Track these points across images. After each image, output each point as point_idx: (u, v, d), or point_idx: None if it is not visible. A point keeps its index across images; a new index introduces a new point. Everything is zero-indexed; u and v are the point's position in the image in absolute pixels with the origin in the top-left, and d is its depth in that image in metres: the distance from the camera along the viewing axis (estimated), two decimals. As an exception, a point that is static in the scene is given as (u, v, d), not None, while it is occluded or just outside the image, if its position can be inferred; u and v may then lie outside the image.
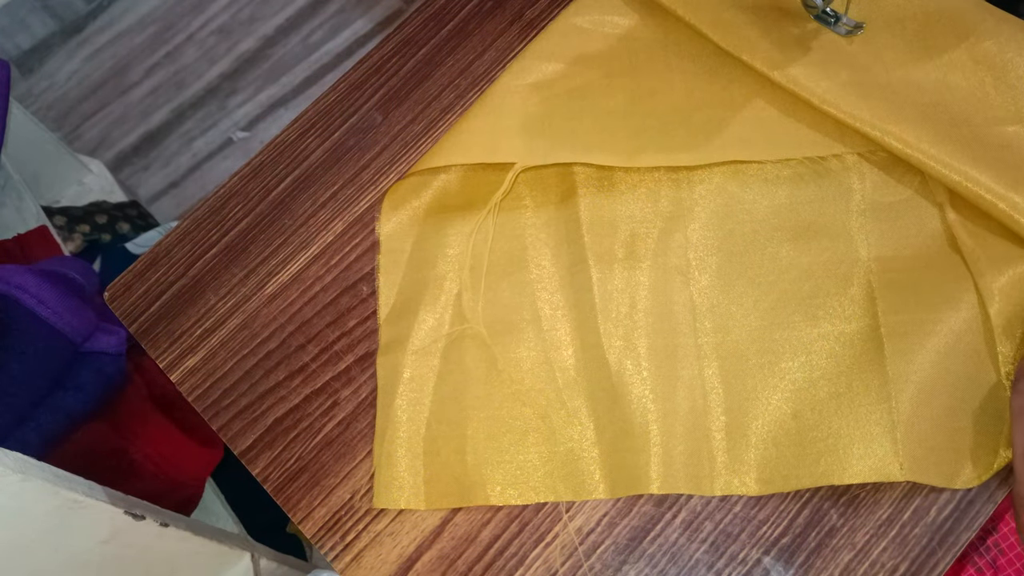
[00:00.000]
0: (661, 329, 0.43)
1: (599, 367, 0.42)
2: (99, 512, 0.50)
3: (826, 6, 0.48)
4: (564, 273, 0.45)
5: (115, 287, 0.52)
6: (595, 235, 0.45)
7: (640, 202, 0.45)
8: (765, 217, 0.44)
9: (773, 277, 0.43)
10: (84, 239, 1.07)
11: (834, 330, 0.41)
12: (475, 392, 0.43)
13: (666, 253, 0.44)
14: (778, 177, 0.45)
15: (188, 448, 0.79)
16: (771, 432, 0.40)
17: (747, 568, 0.40)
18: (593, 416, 0.42)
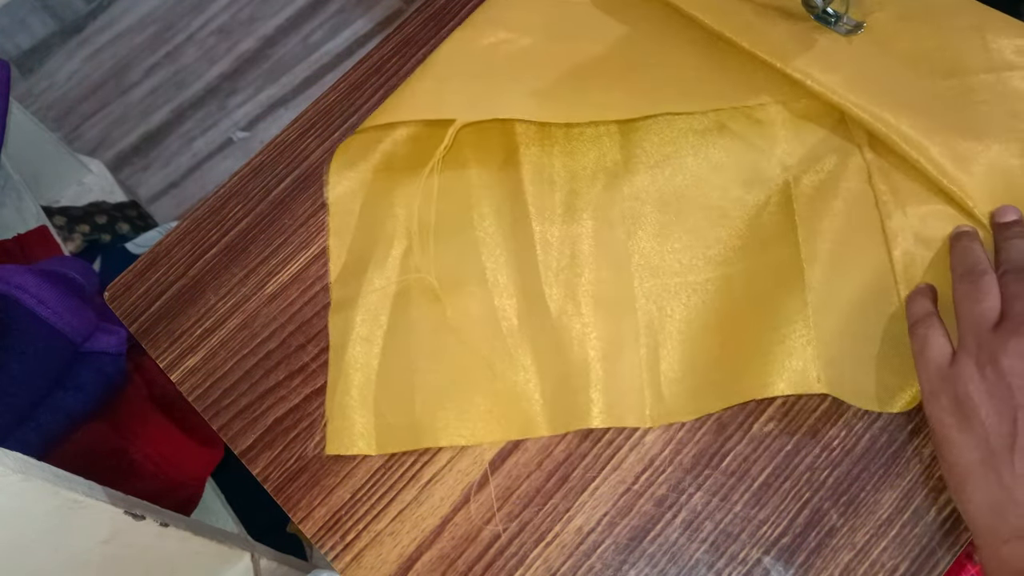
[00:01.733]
0: (599, 277, 0.45)
1: (541, 314, 0.44)
2: (99, 512, 0.50)
3: (826, 6, 0.48)
4: (507, 229, 0.47)
5: (115, 287, 0.52)
6: (536, 191, 0.47)
7: (579, 158, 0.47)
8: (697, 165, 0.46)
9: (705, 222, 0.45)
10: (84, 239, 1.07)
11: (759, 262, 0.44)
12: (423, 344, 0.45)
13: (604, 205, 0.46)
14: (708, 127, 0.47)
15: (188, 448, 0.78)
16: (701, 361, 0.43)
17: (747, 568, 0.40)
18: (535, 360, 0.44)
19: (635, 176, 0.46)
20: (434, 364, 0.45)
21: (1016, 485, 0.32)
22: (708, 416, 0.43)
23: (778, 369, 0.40)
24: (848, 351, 0.41)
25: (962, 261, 0.40)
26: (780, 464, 0.41)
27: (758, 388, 0.40)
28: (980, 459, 0.34)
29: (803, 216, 0.44)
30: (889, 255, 0.43)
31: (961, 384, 0.35)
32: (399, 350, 0.45)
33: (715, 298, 0.44)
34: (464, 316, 0.45)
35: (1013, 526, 0.32)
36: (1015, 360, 0.34)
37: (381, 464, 0.44)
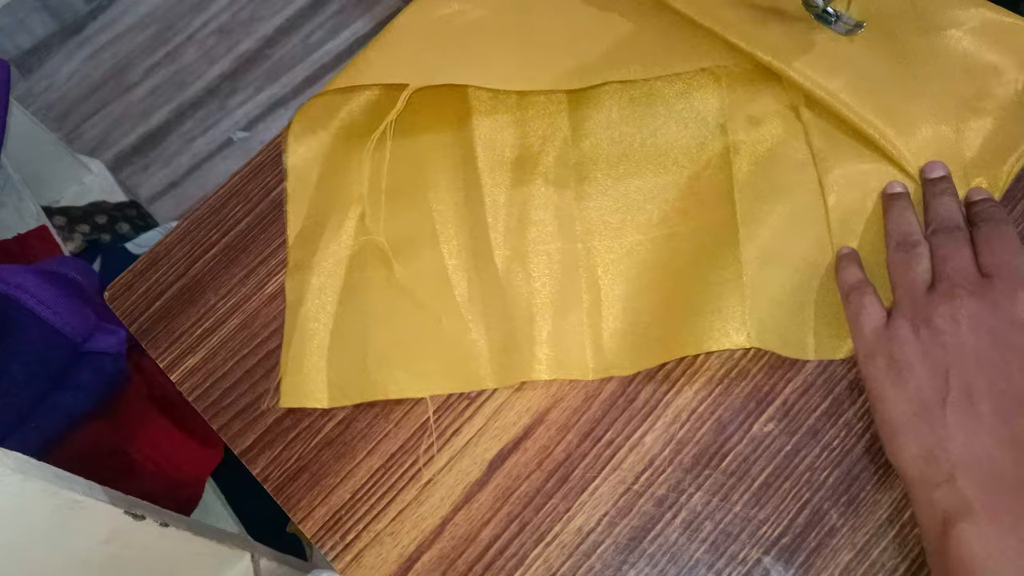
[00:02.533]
0: (545, 238, 0.46)
1: (489, 274, 0.46)
2: (99, 512, 0.50)
3: (826, 5, 0.48)
4: (459, 193, 0.48)
5: (115, 287, 0.52)
6: (487, 157, 0.48)
7: (529, 126, 0.49)
8: (641, 131, 0.48)
9: (648, 184, 0.47)
10: (84, 239, 1.07)
11: (699, 222, 0.45)
12: (376, 302, 0.47)
13: (552, 170, 0.48)
14: (652, 94, 0.49)
15: (188, 448, 0.79)
16: (641, 318, 0.44)
17: (747, 568, 0.40)
18: (483, 317, 0.46)
19: (582, 142, 0.48)
20: (385, 321, 0.46)
21: (947, 435, 0.34)
22: (708, 416, 0.43)
23: (713, 325, 0.41)
24: (784, 306, 0.42)
25: (896, 229, 0.41)
26: (780, 464, 0.42)
27: (694, 344, 0.42)
28: (914, 412, 0.35)
29: (740, 175, 0.45)
30: (825, 210, 0.44)
31: (897, 345, 0.37)
32: (352, 308, 0.47)
33: (656, 257, 0.45)
34: (416, 275, 0.47)
35: (943, 472, 0.34)
36: (947, 321, 0.36)
37: (381, 464, 0.44)
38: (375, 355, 0.45)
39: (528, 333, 0.45)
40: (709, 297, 0.42)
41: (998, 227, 0.39)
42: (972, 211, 0.41)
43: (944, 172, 0.42)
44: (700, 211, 0.45)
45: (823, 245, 0.43)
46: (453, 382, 0.45)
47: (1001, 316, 0.36)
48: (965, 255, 0.38)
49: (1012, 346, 0.35)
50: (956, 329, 0.36)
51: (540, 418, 0.44)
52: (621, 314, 0.44)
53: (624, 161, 0.48)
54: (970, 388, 0.34)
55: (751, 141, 0.46)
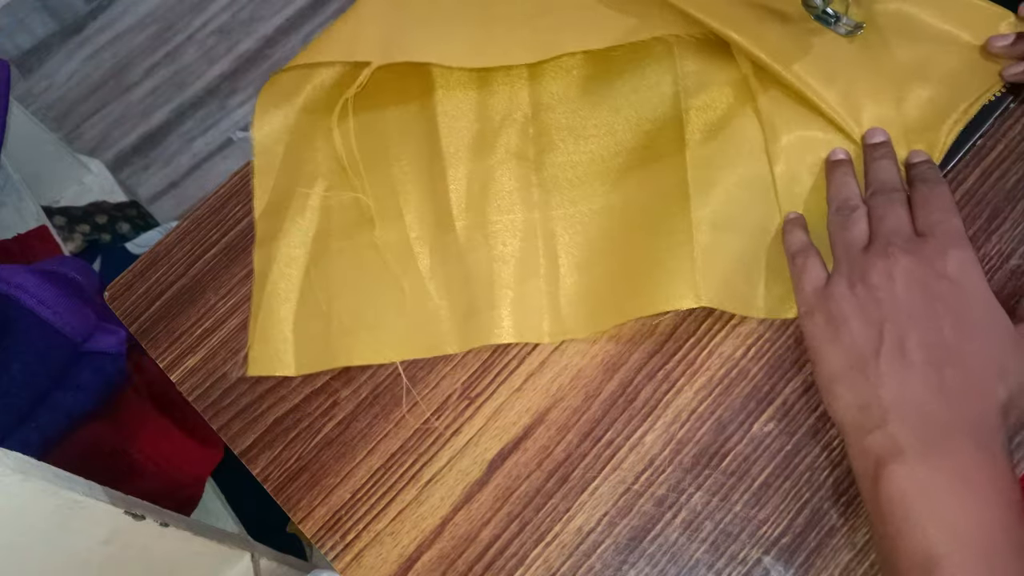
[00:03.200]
0: (505, 207, 0.48)
1: (451, 243, 0.47)
2: (99, 512, 0.50)
3: (826, 6, 0.48)
4: (423, 164, 0.49)
5: (115, 287, 0.52)
6: (449, 130, 0.50)
7: (491, 99, 0.50)
8: (598, 102, 0.49)
9: (604, 153, 0.48)
10: (84, 239, 1.07)
11: (653, 188, 0.46)
12: (341, 272, 0.48)
13: (512, 142, 0.49)
14: (610, 65, 0.50)
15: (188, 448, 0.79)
16: (597, 283, 0.45)
17: (747, 568, 0.40)
18: (446, 284, 0.47)
19: (542, 115, 0.50)
20: (350, 290, 0.47)
21: (880, 384, 0.35)
22: (708, 416, 0.43)
23: (664, 287, 0.43)
24: (734, 268, 0.43)
25: (837, 194, 0.43)
26: (780, 464, 0.42)
27: (646, 306, 0.43)
28: (849, 364, 0.37)
29: (692, 144, 0.46)
30: (772, 177, 0.45)
31: (834, 301, 0.38)
32: (318, 278, 0.48)
33: (611, 224, 0.46)
34: (381, 246, 0.48)
35: (876, 418, 0.35)
36: (882, 277, 0.37)
37: (381, 464, 0.44)
38: (340, 323, 0.47)
39: (488, 299, 0.46)
40: (661, 261, 0.44)
41: (934, 188, 0.41)
42: (911, 173, 0.43)
43: (884, 137, 0.44)
44: (654, 179, 0.46)
45: (772, 211, 0.45)
46: (416, 348, 0.46)
47: (933, 272, 0.37)
48: (901, 215, 0.40)
49: (942, 300, 0.36)
50: (890, 285, 0.37)
51: (540, 418, 0.44)
52: (577, 279, 0.46)
53: (582, 132, 0.49)
54: (903, 340, 0.36)
55: (703, 110, 0.47)
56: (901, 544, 0.33)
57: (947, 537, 0.32)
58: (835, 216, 0.42)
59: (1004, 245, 0.44)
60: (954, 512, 0.32)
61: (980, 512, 0.32)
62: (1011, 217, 0.44)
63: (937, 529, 0.32)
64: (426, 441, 0.45)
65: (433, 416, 0.45)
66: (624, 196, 0.47)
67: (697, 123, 0.47)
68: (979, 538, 0.32)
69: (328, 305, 0.47)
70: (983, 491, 0.33)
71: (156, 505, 0.57)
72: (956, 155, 0.45)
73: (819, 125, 0.46)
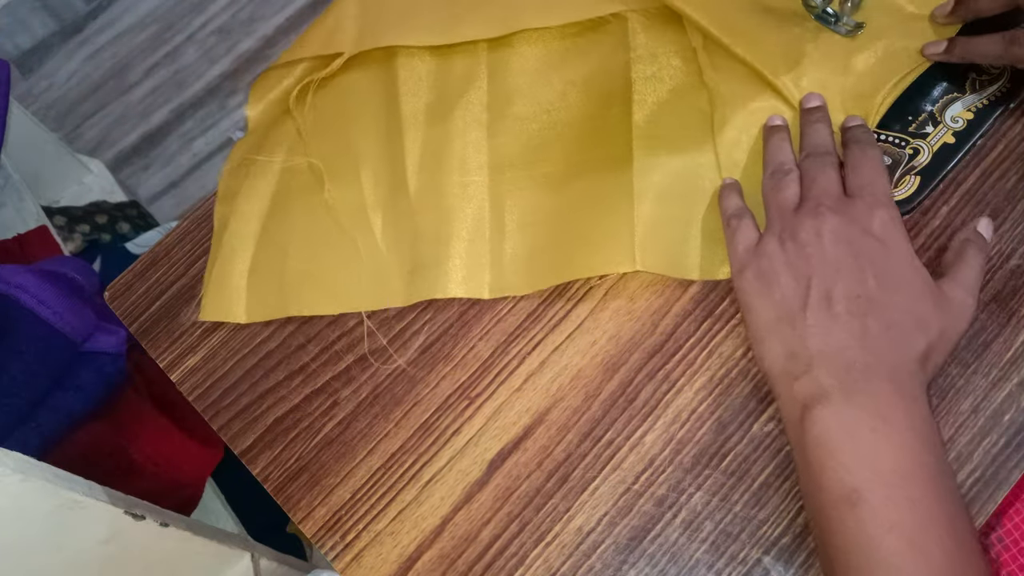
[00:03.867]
0: (456, 169, 0.50)
1: (404, 203, 0.49)
2: (99, 512, 0.50)
3: (826, 6, 0.48)
4: (381, 128, 0.52)
5: (115, 287, 0.52)
6: (408, 95, 0.52)
7: (450, 68, 0.52)
8: (556, 70, 0.51)
9: (557, 121, 0.50)
10: (84, 239, 1.07)
11: (599, 153, 0.48)
12: (297, 226, 0.50)
13: (469, 109, 0.51)
14: (566, 40, 0.52)
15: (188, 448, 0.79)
16: (540, 243, 0.47)
17: (747, 568, 0.40)
18: (396, 242, 0.49)
19: (498, 85, 0.51)
20: (305, 244, 0.50)
21: (807, 334, 0.37)
22: (708, 416, 0.43)
23: (603, 250, 0.45)
24: (673, 232, 0.45)
25: (772, 159, 0.44)
26: (780, 464, 0.41)
27: (586, 267, 0.45)
28: (778, 317, 0.39)
29: (639, 112, 0.48)
30: (715, 143, 0.47)
31: (765, 258, 0.40)
32: (274, 232, 0.50)
33: (558, 188, 0.48)
34: (336, 204, 0.50)
35: (802, 365, 0.37)
36: (810, 234, 0.39)
37: (381, 464, 0.45)
38: (293, 274, 0.49)
39: (435, 256, 0.47)
40: (602, 225, 0.46)
41: (864, 150, 0.42)
42: (845, 136, 0.45)
43: (820, 103, 0.46)
44: (601, 147, 0.48)
45: (712, 177, 0.46)
46: (365, 300, 0.48)
47: (859, 230, 0.39)
48: (831, 177, 0.42)
49: (867, 256, 0.38)
50: (819, 242, 0.39)
51: (540, 418, 0.44)
52: (520, 239, 0.47)
53: (536, 102, 0.51)
54: (828, 293, 0.38)
55: (651, 80, 0.49)
56: (825, 480, 0.35)
57: (868, 471, 0.34)
58: (769, 179, 0.44)
59: (1004, 245, 0.44)
60: (874, 448, 0.34)
61: (898, 448, 0.34)
62: (1011, 217, 0.44)
63: (858, 464, 0.34)
64: (426, 441, 0.45)
65: (432, 416, 0.45)
66: (572, 163, 0.48)
67: (645, 92, 0.48)
68: (897, 471, 0.34)
69: (283, 257, 0.49)
70: (901, 429, 0.35)
71: (156, 505, 0.58)
72: (955, 156, 0.45)
73: (763, 94, 0.47)
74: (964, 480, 0.40)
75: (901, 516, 0.33)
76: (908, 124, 0.46)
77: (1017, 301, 0.43)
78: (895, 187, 0.45)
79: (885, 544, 0.32)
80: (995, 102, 0.46)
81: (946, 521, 0.33)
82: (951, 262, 0.41)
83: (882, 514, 0.33)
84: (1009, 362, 0.42)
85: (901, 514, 0.33)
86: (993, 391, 0.41)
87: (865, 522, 0.33)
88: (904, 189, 0.45)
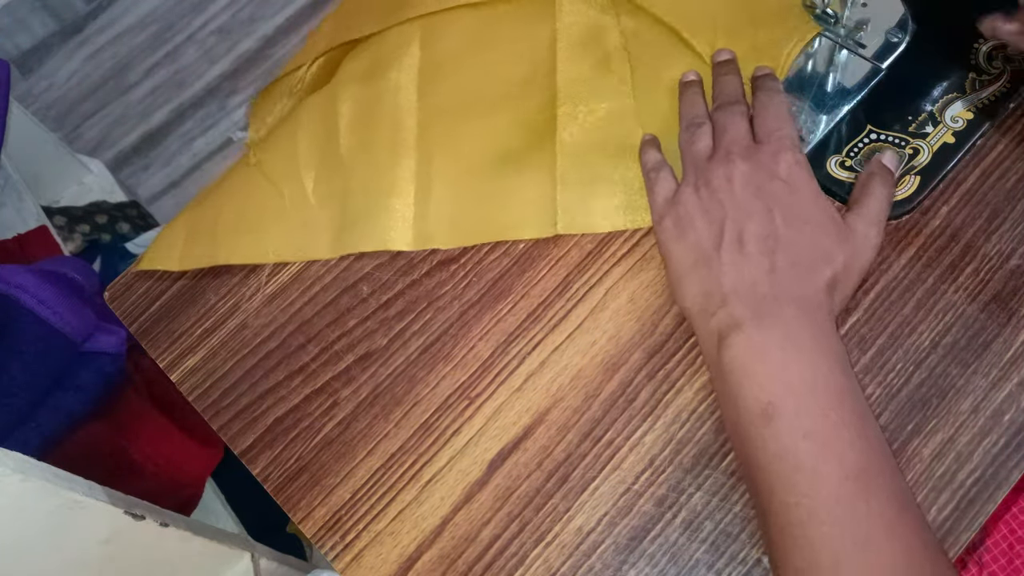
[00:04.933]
0: (387, 127, 0.51)
1: (335, 159, 0.51)
2: (99, 512, 0.50)
3: (826, 6, 0.48)
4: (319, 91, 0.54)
5: (115, 287, 0.52)
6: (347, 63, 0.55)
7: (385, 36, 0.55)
8: (486, 38, 0.53)
9: (487, 85, 0.52)
10: (84, 239, 1.07)
11: (521, 115, 0.50)
12: (232, 182, 0.53)
13: (401, 74, 0.53)
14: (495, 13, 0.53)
15: (188, 448, 0.79)
16: (465, 200, 0.49)
17: (747, 568, 0.40)
18: (328, 196, 0.51)
19: (429, 51, 0.53)
20: (238, 196, 0.52)
21: (722, 273, 0.40)
22: (708, 416, 0.43)
23: (525, 213, 0.48)
24: (594, 188, 0.48)
25: (686, 113, 0.47)
26: (780, 464, 0.41)
27: (507, 230, 0.48)
28: (695, 259, 0.41)
29: (563, 71, 0.50)
30: (634, 100, 0.49)
31: (682, 206, 0.42)
32: (213, 192, 0.53)
33: (484, 149, 0.50)
34: (270, 160, 0.53)
35: (717, 302, 0.39)
36: (721, 181, 0.42)
37: (381, 464, 0.45)
38: (225, 224, 0.51)
39: (365, 210, 0.49)
40: (525, 187, 0.48)
41: (772, 97, 0.45)
42: (754, 85, 0.47)
43: (730, 56, 0.48)
44: (527, 108, 0.50)
45: (633, 135, 0.48)
46: (292, 250, 0.50)
47: (767, 174, 0.41)
48: (740, 126, 0.44)
49: (775, 198, 0.40)
50: (729, 188, 0.41)
51: (540, 418, 0.44)
52: (445, 195, 0.49)
53: (465, 64, 0.52)
54: (740, 234, 0.40)
55: (578, 45, 0.51)
56: (741, 401, 0.37)
57: (781, 388, 0.36)
58: (684, 132, 0.46)
59: (1004, 245, 0.44)
60: (784, 365, 0.37)
61: (807, 364, 0.37)
62: (1011, 217, 0.44)
63: (772, 382, 0.36)
64: (426, 441, 0.45)
65: (432, 416, 0.45)
66: (498, 123, 0.50)
67: (570, 55, 0.50)
68: (807, 383, 0.36)
69: (216, 209, 0.52)
70: (809, 348, 0.37)
71: (156, 505, 0.58)
72: (955, 156, 0.45)
73: (680, 53, 0.50)
74: (964, 480, 0.40)
75: (814, 423, 0.35)
76: (908, 124, 0.46)
77: (1017, 301, 0.43)
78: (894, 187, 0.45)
79: (801, 449, 0.35)
80: (995, 102, 0.46)
81: (858, 426, 0.35)
82: (857, 197, 0.42)
83: (795, 423, 0.35)
84: (1009, 362, 0.42)
85: (814, 421, 0.35)
86: (993, 391, 0.41)
87: (781, 433, 0.35)
88: (904, 189, 0.45)
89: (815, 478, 0.34)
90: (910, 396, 0.42)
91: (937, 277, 0.44)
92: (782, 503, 0.35)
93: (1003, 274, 0.43)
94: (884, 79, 0.48)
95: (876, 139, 0.46)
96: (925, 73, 0.47)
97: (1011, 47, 0.46)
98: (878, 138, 0.46)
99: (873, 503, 0.34)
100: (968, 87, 0.47)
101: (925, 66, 0.48)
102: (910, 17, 0.49)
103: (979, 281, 0.43)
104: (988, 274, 0.43)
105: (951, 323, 0.43)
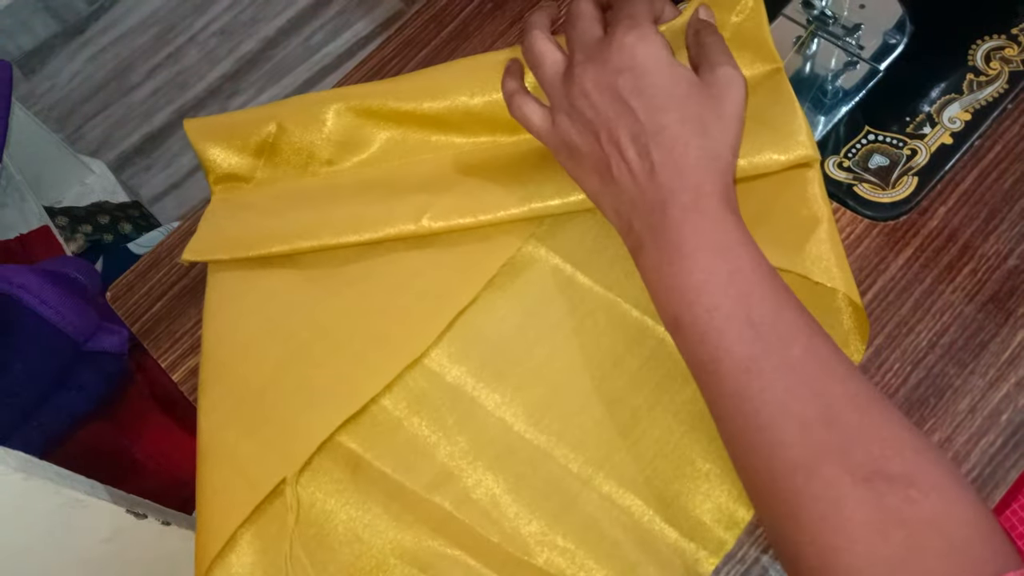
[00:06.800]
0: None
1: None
2: (101, 511, 0.51)
3: (825, 7, 0.48)
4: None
5: (117, 287, 0.52)
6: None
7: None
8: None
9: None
10: (86, 239, 1.07)
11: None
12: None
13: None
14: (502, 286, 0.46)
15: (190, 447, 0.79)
16: None
17: (746, 567, 0.40)
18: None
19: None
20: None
21: (618, 191, 0.39)
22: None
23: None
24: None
25: (529, 57, 0.43)
26: (778, 463, 0.42)
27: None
28: (599, 182, 0.40)
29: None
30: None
31: (564, 135, 0.41)
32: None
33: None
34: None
35: (626, 222, 0.39)
36: (580, 98, 0.39)
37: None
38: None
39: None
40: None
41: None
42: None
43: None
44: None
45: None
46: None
47: (613, 71, 0.39)
48: (580, 28, 0.41)
49: (628, 91, 0.38)
50: (588, 101, 0.39)
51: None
52: None
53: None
54: (618, 144, 0.38)
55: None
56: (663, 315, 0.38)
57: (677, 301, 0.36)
58: (535, 72, 0.43)
59: (1002, 245, 0.44)
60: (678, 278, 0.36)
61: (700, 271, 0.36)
62: (1008, 218, 0.44)
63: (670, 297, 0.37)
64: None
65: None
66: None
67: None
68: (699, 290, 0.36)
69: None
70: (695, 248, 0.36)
71: (158, 504, 0.58)
72: (953, 156, 0.45)
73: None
74: (961, 479, 0.40)
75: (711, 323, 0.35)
76: (906, 125, 0.46)
77: (1014, 301, 0.43)
78: (893, 187, 0.45)
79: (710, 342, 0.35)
80: (993, 103, 0.46)
81: (767, 287, 0.36)
82: (695, 55, 0.41)
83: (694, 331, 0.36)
84: (1006, 362, 0.42)
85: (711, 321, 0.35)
86: (990, 391, 0.41)
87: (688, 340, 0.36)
88: (902, 189, 0.45)
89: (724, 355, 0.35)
90: (908, 396, 0.42)
91: (935, 277, 0.44)
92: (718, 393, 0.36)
93: (1001, 274, 0.43)
94: (882, 80, 0.48)
95: (874, 140, 0.46)
96: (923, 74, 0.47)
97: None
98: (876, 139, 0.46)
99: (786, 344, 0.34)
100: (966, 88, 0.47)
101: (923, 67, 0.48)
102: (908, 18, 0.49)
103: (977, 281, 0.44)
104: (986, 274, 0.43)
105: (949, 323, 0.43)
